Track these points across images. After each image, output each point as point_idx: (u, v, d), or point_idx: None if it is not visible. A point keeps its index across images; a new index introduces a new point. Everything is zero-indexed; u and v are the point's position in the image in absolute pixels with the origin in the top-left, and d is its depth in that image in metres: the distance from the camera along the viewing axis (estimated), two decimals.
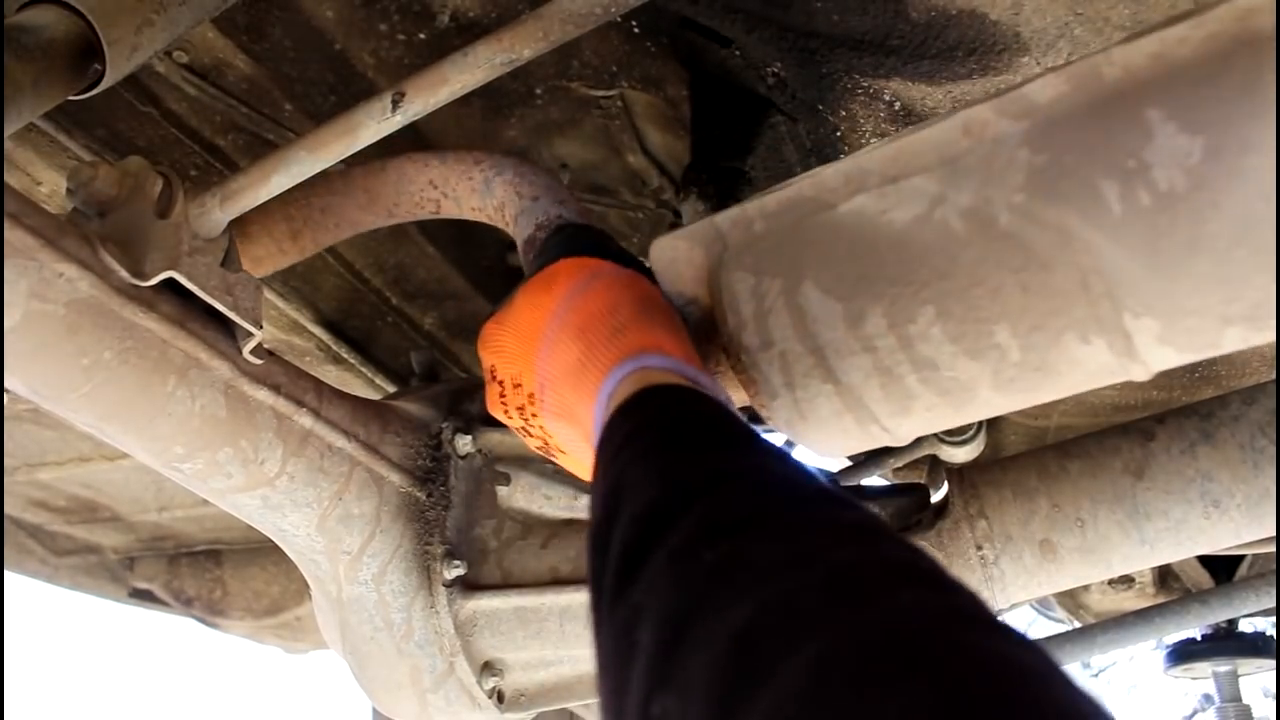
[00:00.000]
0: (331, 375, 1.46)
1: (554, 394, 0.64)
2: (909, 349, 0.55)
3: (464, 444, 0.99)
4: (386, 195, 0.92)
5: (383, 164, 0.92)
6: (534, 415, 0.68)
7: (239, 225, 0.89)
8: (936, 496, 0.99)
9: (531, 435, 0.70)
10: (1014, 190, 0.51)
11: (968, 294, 0.53)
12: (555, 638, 0.96)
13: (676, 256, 0.64)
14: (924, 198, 0.54)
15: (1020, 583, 0.92)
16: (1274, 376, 1.05)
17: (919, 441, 1.46)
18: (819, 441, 0.62)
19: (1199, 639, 1.77)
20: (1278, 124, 0.44)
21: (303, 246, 0.96)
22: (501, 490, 0.99)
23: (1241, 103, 0.45)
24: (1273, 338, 0.49)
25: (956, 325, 0.53)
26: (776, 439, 0.65)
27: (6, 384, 0.72)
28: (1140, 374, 0.52)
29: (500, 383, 0.70)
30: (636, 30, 0.99)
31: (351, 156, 0.78)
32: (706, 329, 0.66)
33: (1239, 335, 0.49)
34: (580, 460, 0.70)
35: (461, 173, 0.90)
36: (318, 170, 0.78)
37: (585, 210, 0.86)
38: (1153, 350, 0.50)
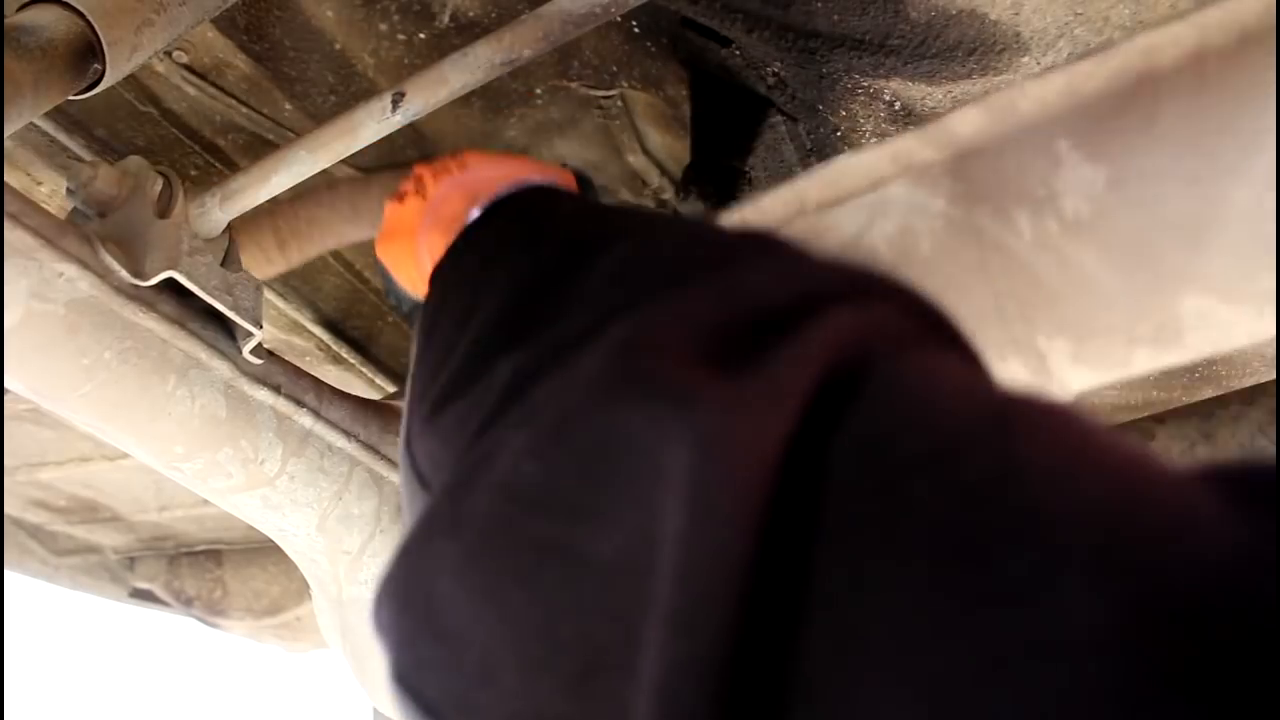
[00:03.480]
0: (331, 375, 1.46)
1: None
2: None
3: None
4: (371, 209, 0.95)
5: (367, 179, 0.95)
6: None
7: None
8: None
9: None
10: (934, 217, 0.54)
11: None
12: None
13: None
14: (855, 221, 0.58)
15: None
16: (1274, 376, 1.05)
17: None
18: None
19: None
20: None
21: (289, 257, 0.99)
22: None
23: (1141, 134, 0.48)
24: (1179, 360, 0.52)
25: None
26: None
27: (6, 384, 0.72)
28: (1060, 392, 0.55)
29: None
30: (636, 30, 0.99)
31: (351, 157, 0.78)
32: None
33: (1148, 355, 0.52)
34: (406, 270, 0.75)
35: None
36: (318, 170, 0.78)
37: None
38: (1067, 370, 0.54)
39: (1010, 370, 0.54)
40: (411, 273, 0.75)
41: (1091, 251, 0.50)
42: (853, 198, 0.58)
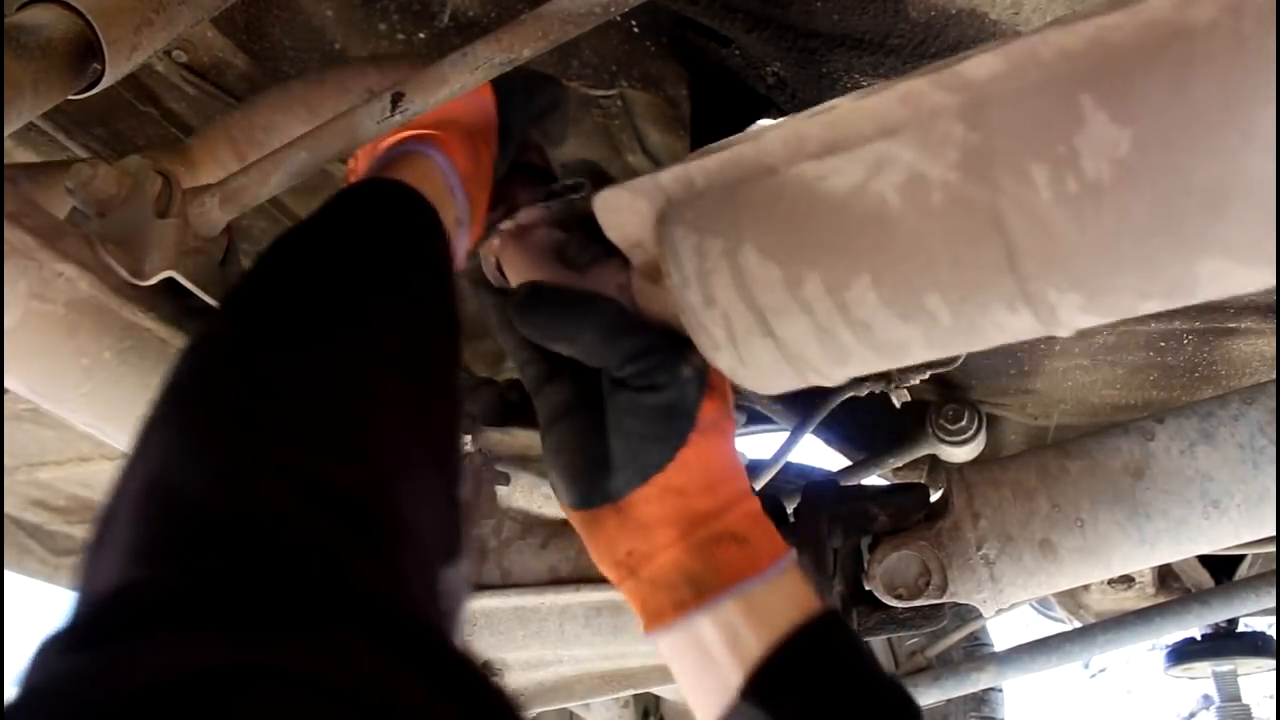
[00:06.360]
0: None
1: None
2: (845, 312, 0.57)
3: (464, 443, 0.99)
4: (327, 108, 0.92)
5: (320, 77, 0.91)
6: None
7: (182, 154, 0.88)
8: (936, 496, 0.99)
9: None
10: (948, 167, 0.51)
11: (901, 265, 0.54)
12: (555, 637, 0.96)
13: (620, 206, 0.65)
14: (861, 168, 0.54)
15: (1020, 583, 0.92)
16: (1274, 376, 1.05)
17: (919, 442, 1.47)
18: (760, 385, 0.64)
19: (1199, 639, 1.77)
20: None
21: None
22: (501, 490, 0.99)
23: (1170, 97, 0.45)
24: (1185, 304, 0.50)
25: (890, 292, 0.55)
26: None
27: (6, 384, 0.72)
28: (1063, 333, 0.54)
29: None
30: (636, 30, 0.99)
31: None
32: (652, 272, 0.67)
33: (1155, 305, 0.51)
34: None
35: (398, 79, 0.91)
36: (318, 169, 0.78)
37: None
38: (1075, 317, 0.52)
39: (1019, 319, 0.53)
40: None
41: (1110, 214, 0.48)
42: (859, 142, 0.54)
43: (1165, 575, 1.59)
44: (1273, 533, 0.88)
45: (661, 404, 0.64)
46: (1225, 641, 1.75)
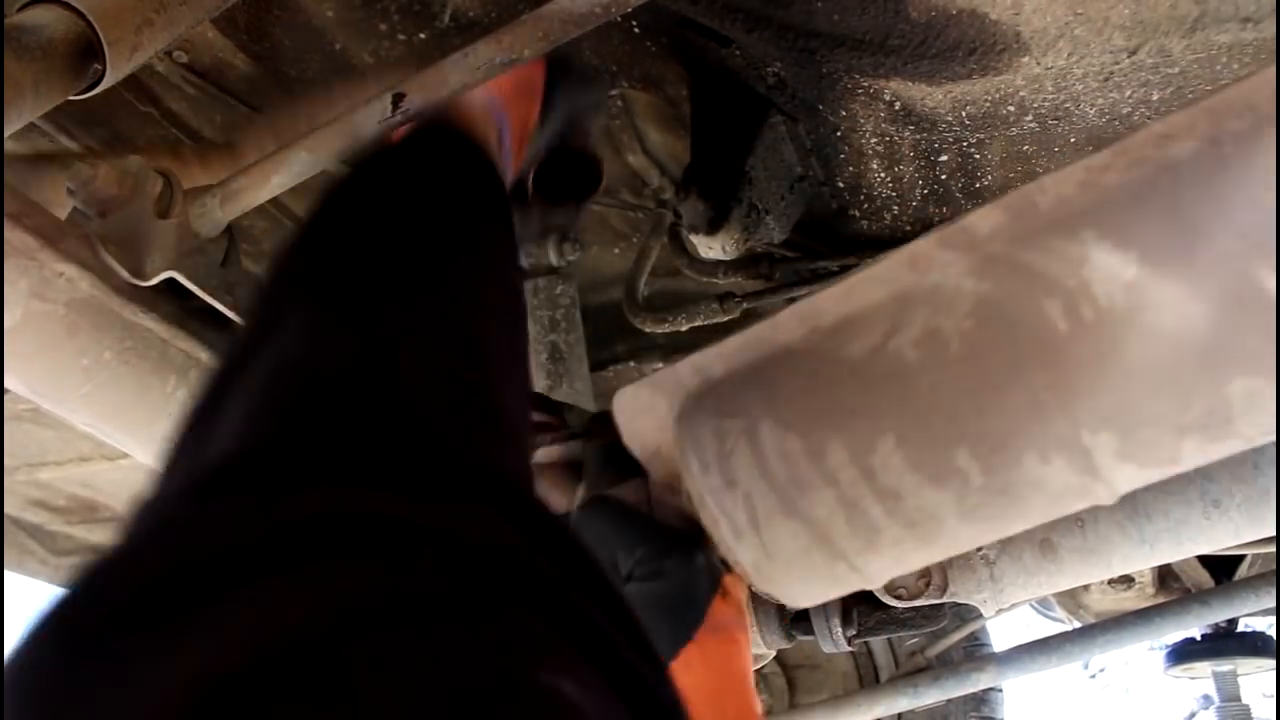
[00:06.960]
0: None
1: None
2: (871, 480, 0.55)
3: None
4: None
5: None
6: None
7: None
8: None
9: None
10: (963, 317, 0.52)
11: (926, 420, 0.54)
12: None
13: (639, 407, 0.65)
14: (876, 331, 0.55)
15: (1020, 583, 0.92)
16: None
17: None
18: (787, 582, 0.62)
19: (1199, 639, 1.78)
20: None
21: None
22: None
23: (1167, 221, 0.48)
24: (1229, 450, 0.50)
25: (917, 451, 0.54)
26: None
27: (7, 384, 0.72)
28: (1105, 495, 0.52)
29: None
30: (636, 30, 0.99)
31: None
32: (671, 481, 0.66)
33: (1196, 446, 0.50)
34: None
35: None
36: (318, 170, 0.78)
37: None
38: (1113, 467, 0.51)
39: (1055, 471, 0.52)
40: None
41: (1130, 338, 0.48)
42: (873, 308, 0.56)
43: (1165, 575, 1.59)
44: (1273, 533, 0.88)
45: (669, 592, 0.62)
46: (1225, 641, 1.75)
